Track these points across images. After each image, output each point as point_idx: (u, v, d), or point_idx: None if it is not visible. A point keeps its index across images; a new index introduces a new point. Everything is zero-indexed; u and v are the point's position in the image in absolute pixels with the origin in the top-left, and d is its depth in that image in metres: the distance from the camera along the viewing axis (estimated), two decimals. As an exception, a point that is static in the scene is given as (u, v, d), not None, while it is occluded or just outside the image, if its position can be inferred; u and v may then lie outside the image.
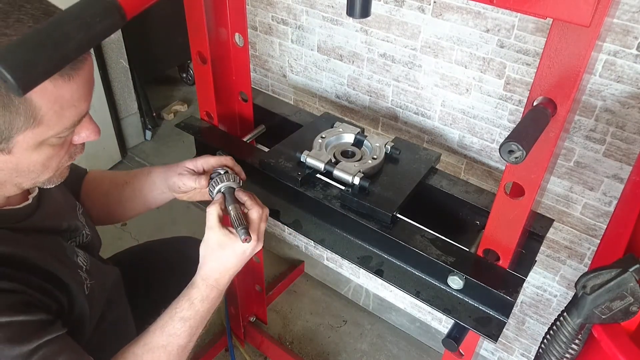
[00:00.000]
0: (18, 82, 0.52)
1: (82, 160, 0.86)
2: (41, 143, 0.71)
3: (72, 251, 0.91)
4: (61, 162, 0.78)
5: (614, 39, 0.99)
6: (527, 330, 1.55)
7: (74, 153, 0.80)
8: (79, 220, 0.99)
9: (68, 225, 0.94)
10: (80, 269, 0.90)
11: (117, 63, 2.48)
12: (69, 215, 0.96)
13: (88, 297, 0.88)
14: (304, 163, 1.06)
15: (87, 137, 0.79)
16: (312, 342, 1.89)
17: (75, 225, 0.96)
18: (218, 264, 0.90)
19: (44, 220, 0.87)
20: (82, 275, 0.89)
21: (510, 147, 0.61)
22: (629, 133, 1.07)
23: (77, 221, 0.98)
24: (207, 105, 1.17)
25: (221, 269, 0.90)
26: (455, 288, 0.91)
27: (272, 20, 1.55)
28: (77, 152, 0.81)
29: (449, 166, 1.41)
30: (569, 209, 1.25)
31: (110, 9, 0.60)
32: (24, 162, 0.72)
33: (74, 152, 0.80)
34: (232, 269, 0.91)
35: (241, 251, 0.89)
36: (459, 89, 1.27)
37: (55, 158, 0.76)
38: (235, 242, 0.88)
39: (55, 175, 0.80)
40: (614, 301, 0.69)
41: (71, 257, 0.90)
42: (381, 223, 0.97)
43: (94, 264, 0.95)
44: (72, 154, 0.80)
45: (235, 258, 0.90)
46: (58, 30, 0.56)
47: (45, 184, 0.80)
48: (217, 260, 0.90)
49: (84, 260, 0.93)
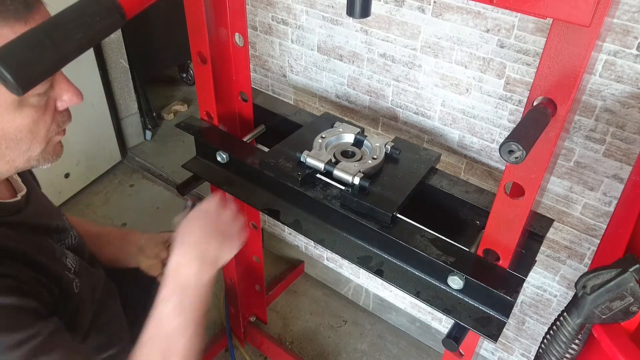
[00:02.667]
0: (18, 82, 0.52)
1: (82, 160, 0.86)
2: (20, 102, 0.70)
3: (61, 253, 0.90)
4: (49, 131, 0.77)
5: (614, 39, 0.99)
6: (527, 330, 1.55)
7: (61, 121, 0.79)
8: (66, 222, 0.99)
9: (57, 225, 0.94)
10: (68, 270, 0.89)
11: (117, 63, 2.48)
12: (57, 217, 0.96)
13: (78, 295, 0.88)
14: (304, 163, 1.06)
15: (70, 101, 0.77)
16: (312, 342, 1.89)
17: (63, 225, 0.96)
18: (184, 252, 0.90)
19: (33, 218, 0.86)
20: (70, 276, 0.89)
21: (510, 147, 0.61)
22: (629, 133, 1.07)
23: (65, 223, 0.98)
24: (207, 105, 1.17)
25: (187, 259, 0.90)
26: (455, 288, 0.91)
27: (272, 20, 1.55)
28: (65, 119, 0.80)
29: (449, 166, 1.41)
30: (569, 209, 1.25)
31: (110, 8, 0.60)
32: (9, 126, 0.71)
33: (61, 119, 0.79)
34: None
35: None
36: (459, 89, 1.27)
37: (41, 124, 0.74)
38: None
39: (47, 150, 0.78)
40: (614, 301, 0.69)
41: (60, 259, 0.89)
42: (381, 223, 0.97)
43: (83, 266, 0.95)
44: (60, 122, 0.78)
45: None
46: (58, 30, 0.56)
47: (40, 162, 0.79)
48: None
49: (73, 262, 0.92)
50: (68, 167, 2.34)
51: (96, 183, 2.53)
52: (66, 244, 0.96)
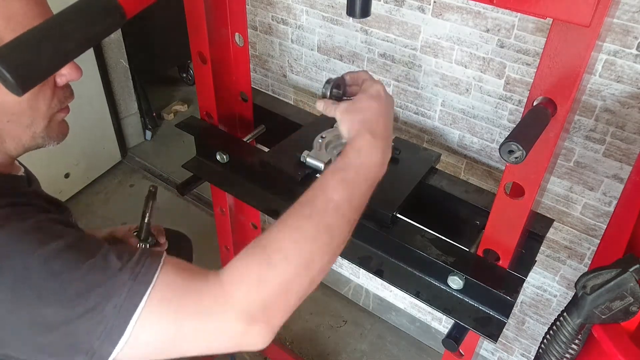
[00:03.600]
0: (18, 82, 0.52)
1: (82, 160, 0.86)
2: None
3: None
4: (51, 107, 0.74)
5: (614, 39, 0.99)
6: (527, 330, 1.55)
7: (62, 97, 0.76)
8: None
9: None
10: None
11: (117, 63, 2.48)
12: None
13: None
14: (304, 163, 1.06)
15: (70, 76, 0.74)
16: (312, 342, 1.89)
17: (65, 206, 0.95)
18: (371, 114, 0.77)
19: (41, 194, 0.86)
20: None
21: (510, 147, 0.61)
22: (629, 133, 1.07)
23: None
24: (207, 105, 1.17)
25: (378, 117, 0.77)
26: (455, 288, 0.91)
27: (272, 20, 1.55)
28: (67, 96, 0.77)
29: (449, 166, 1.41)
30: (569, 209, 1.25)
31: (110, 8, 0.60)
32: (8, 99, 0.69)
33: (63, 95, 0.76)
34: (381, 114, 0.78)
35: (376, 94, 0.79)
36: (459, 88, 1.27)
37: (40, 97, 0.72)
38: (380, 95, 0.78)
39: (52, 127, 0.76)
40: (614, 301, 0.69)
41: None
42: (381, 223, 0.97)
43: None
44: (61, 97, 0.76)
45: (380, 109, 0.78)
46: (58, 30, 0.56)
47: (45, 139, 0.77)
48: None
49: None
50: (68, 167, 2.34)
51: (96, 183, 2.53)
52: None
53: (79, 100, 0.84)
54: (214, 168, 1.19)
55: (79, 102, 0.85)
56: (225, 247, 1.44)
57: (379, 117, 0.78)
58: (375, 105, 0.78)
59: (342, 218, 0.71)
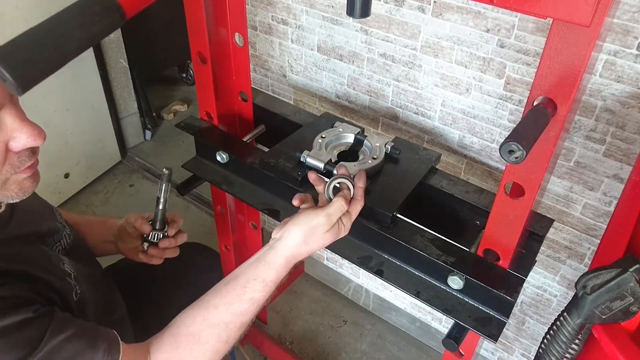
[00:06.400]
0: (17, 81, 0.52)
1: (82, 160, 0.85)
2: None
3: (57, 259, 0.89)
4: (2, 173, 0.67)
5: (614, 39, 0.99)
6: (527, 330, 1.55)
7: (18, 162, 0.68)
8: (59, 221, 0.97)
9: (49, 227, 0.92)
10: (68, 276, 0.88)
11: (117, 63, 2.48)
12: (48, 217, 0.94)
13: (77, 304, 0.86)
14: (304, 163, 1.06)
15: (27, 142, 0.65)
16: (312, 342, 1.89)
17: (55, 226, 0.94)
18: (309, 247, 0.87)
19: (23, 227, 0.83)
20: (71, 282, 0.87)
21: (510, 147, 0.61)
22: (629, 133, 1.07)
23: (57, 222, 0.96)
24: (207, 105, 1.17)
25: (308, 251, 0.87)
26: (455, 288, 0.91)
27: (272, 20, 1.55)
28: (24, 160, 0.68)
29: (449, 166, 1.41)
30: (569, 209, 1.25)
31: (109, 8, 0.60)
32: None
33: (18, 160, 0.68)
34: (313, 251, 0.89)
35: (329, 239, 0.88)
36: (459, 88, 1.27)
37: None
38: (339, 232, 0.87)
39: (9, 188, 0.70)
40: (614, 301, 0.69)
41: (57, 265, 0.87)
42: (381, 223, 0.97)
43: (79, 270, 0.93)
44: (16, 163, 0.68)
45: (324, 242, 0.87)
46: (58, 29, 0.56)
47: (3, 200, 0.73)
48: (313, 243, 0.87)
49: (70, 267, 0.90)
50: (68, 167, 2.34)
51: (96, 183, 2.53)
52: (62, 244, 0.95)
53: (79, 100, 0.84)
54: (213, 168, 1.19)
55: (79, 102, 0.85)
56: (225, 247, 1.44)
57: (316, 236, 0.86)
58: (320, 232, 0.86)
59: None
